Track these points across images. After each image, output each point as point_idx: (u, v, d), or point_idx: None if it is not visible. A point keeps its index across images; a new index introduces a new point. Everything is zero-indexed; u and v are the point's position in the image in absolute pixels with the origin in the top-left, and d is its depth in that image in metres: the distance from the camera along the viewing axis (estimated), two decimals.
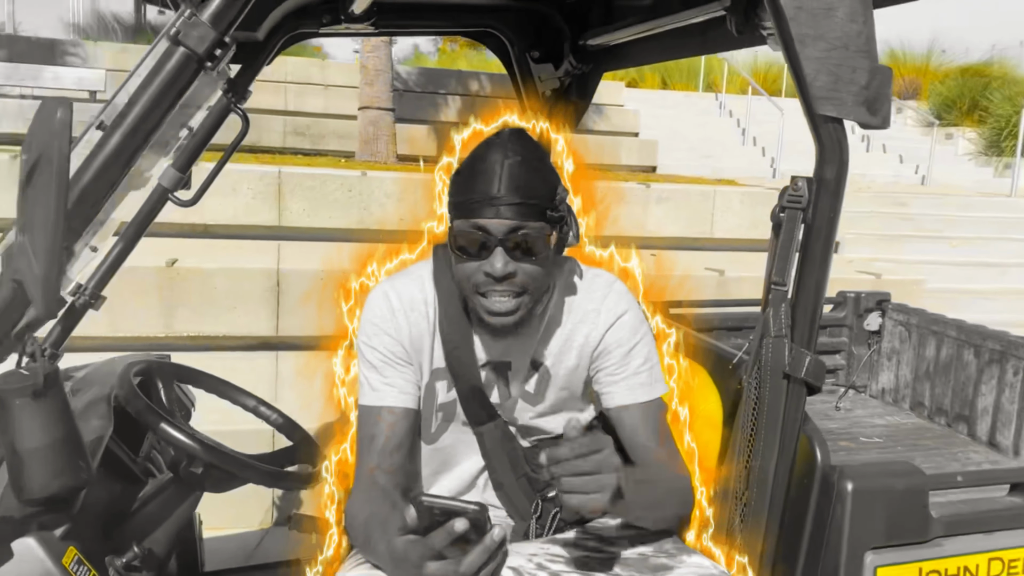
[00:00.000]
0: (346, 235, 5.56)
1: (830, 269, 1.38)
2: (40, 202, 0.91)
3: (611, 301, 1.52)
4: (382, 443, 1.44)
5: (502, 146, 1.37)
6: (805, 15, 1.27)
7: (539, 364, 1.53)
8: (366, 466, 1.44)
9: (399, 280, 1.53)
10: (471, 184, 1.36)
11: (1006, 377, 2.56)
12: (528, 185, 1.36)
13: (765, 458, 1.40)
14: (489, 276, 1.35)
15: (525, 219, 1.34)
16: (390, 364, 1.47)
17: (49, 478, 1.32)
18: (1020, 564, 1.49)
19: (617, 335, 1.50)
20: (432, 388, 1.52)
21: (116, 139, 1.09)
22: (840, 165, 1.35)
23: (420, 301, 1.50)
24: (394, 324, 1.48)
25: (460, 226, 1.37)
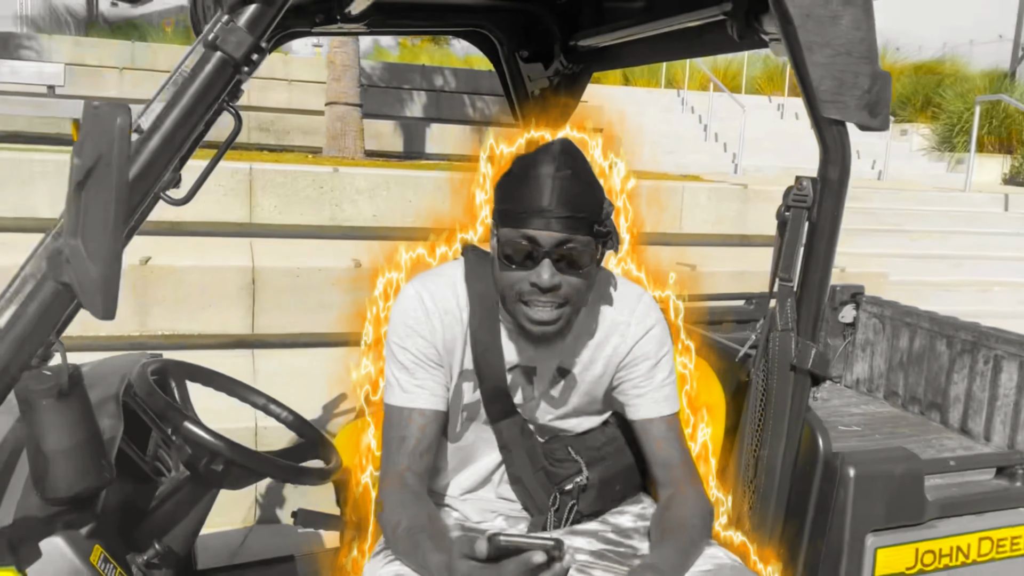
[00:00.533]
0: (318, 232, 5.55)
1: (833, 265, 1.45)
2: (98, 207, 0.93)
3: (640, 313, 1.55)
4: (413, 445, 1.45)
5: (553, 158, 1.37)
6: (812, 23, 1.33)
7: (566, 371, 1.55)
8: (396, 466, 1.45)
9: (431, 282, 1.53)
10: (521, 194, 1.37)
11: (977, 366, 2.67)
12: (578, 199, 1.37)
13: (773, 446, 1.46)
14: (535, 286, 1.37)
15: (574, 232, 1.36)
16: (422, 366, 1.48)
17: (75, 478, 1.33)
18: (1008, 543, 1.57)
19: (645, 348, 1.53)
20: (459, 389, 1.54)
21: (155, 143, 1.11)
22: (843, 166, 1.41)
23: (454, 305, 1.51)
24: (429, 327, 1.48)
25: (508, 235, 1.38)
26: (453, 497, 1.62)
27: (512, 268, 1.39)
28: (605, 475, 1.60)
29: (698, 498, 1.45)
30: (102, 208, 0.93)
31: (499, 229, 1.41)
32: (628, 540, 1.50)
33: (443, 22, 2.55)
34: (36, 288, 1.09)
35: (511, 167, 1.44)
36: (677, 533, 1.36)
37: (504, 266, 1.40)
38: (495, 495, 1.63)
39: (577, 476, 1.58)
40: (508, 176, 1.43)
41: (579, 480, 1.58)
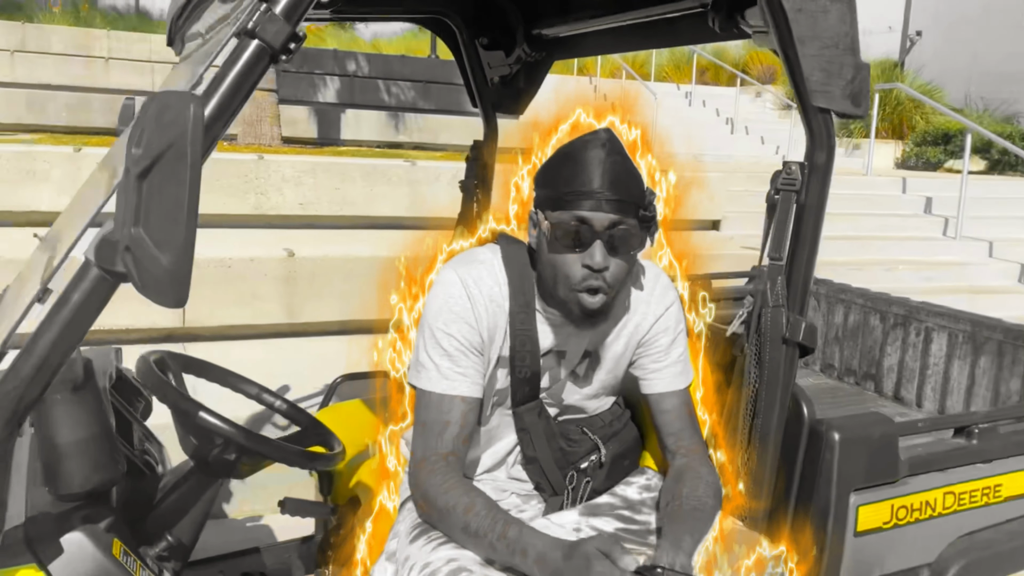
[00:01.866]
0: (243, 221, 5.43)
1: (819, 244, 1.55)
2: (168, 195, 0.93)
3: (660, 292, 1.61)
4: (457, 431, 1.46)
5: (602, 143, 1.40)
6: (804, 17, 1.42)
7: (591, 352, 1.60)
8: (439, 450, 1.45)
9: (474, 268, 1.52)
10: (572, 176, 1.40)
11: (909, 338, 2.87)
12: (627, 183, 1.41)
13: (766, 415, 1.56)
14: (588, 268, 1.40)
15: (624, 215, 1.40)
16: (465, 353, 1.48)
17: (90, 471, 1.32)
18: (967, 496, 1.72)
19: (664, 325, 1.60)
20: (494, 375, 1.55)
21: None
22: (829, 151, 1.52)
23: (497, 292, 1.51)
24: (474, 314, 1.49)
25: (560, 217, 1.40)
26: (469, 477, 1.65)
27: (563, 251, 1.42)
28: (617, 451, 1.67)
29: (711, 474, 1.52)
30: (172, 197, 0.93)
31: (547, 213, 1.44)
32: (639, 515, 1.57)
33: (403, 8, 2.56)
34: (78, 277, 1.08)
35: (554, 155, 1.47)
36: (696, 514, 1.42)
37: (555, 248, 1.42)
38: (507, 475, 1.67)
39: (592, 454, 1.64)
40: (552, 163, 1.46)
41: (594, 459, 1.64)
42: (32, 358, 1.06)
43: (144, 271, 0.96)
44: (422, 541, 1.45)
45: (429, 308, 1.51)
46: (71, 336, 1.07)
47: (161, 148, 0.93)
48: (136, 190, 0.95)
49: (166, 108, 0.93)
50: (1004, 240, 7.65)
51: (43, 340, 1.06)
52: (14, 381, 1.06)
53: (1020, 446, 1.78)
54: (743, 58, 14.78)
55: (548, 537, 1.32)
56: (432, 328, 1.49)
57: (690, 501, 1.44)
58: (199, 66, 1.16)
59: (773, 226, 1.56)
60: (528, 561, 1.29)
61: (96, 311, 1.08)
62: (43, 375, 1.07)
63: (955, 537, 1.72)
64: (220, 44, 1.13)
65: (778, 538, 1.59)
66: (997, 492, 1.75)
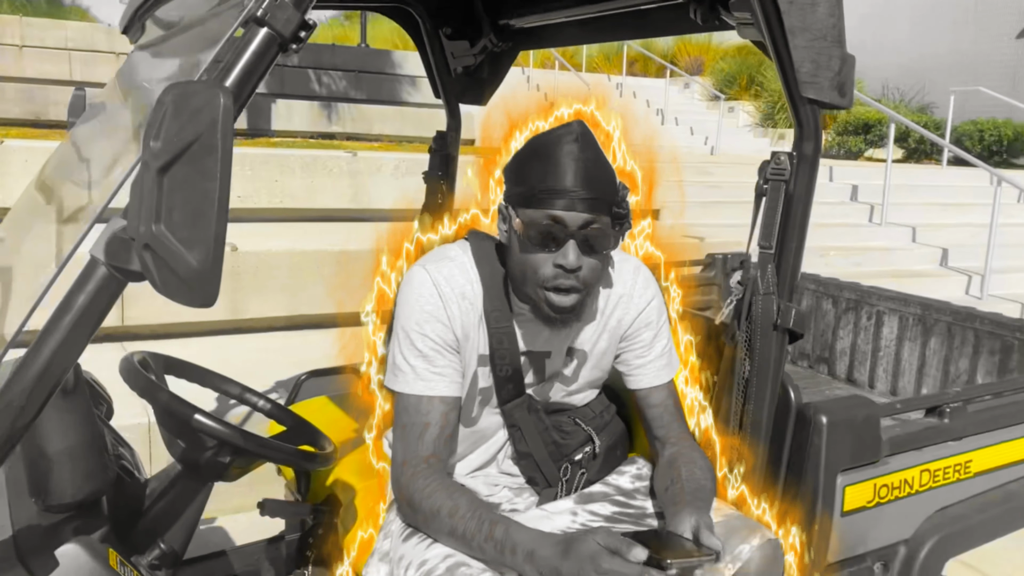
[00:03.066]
0: None
1: (807, 232, 1.58)
2: (195, 190, 0.88)
3: (641, 286, 1.60)
4: (437, 432, 1.44)
5: (575, 139, 1.37)
6: (796, 9, 1.44)
7: (575, 350, 1.59)
8: (421, 453, 1.43)
9: (443, 265, 1.50)
10: (544, 174, 1.36)
11: (861, 322, 2.96)
12: (600, 180, 1.38)
13: (758, 400, 1.59)
14: (560, 268, 1.38)
15: (597, 213, 1.36)
16: (441, 353, 1.46)
17: (81, 480, 1.27)
18: (940, 472, 1.79)
19: (647, 319, 1.60)
20: (476, 374, 1.54)
21: None
22: (816, 142, 1.55)
23: (469, 290, 1.49)
24: (447, 313, 1.46)
25: (532, 216, 1.37)
26: (461, 476, 1.64)
27: (535, 250, 1.39)
28: (609, 441, 1.67)
29: (703, 459, 1.54)
30: (200, 192, 0.88)
31: (519, 210, 1.40)
32: (633, 501, 1.58)
33: None
34: (83, 277, 1.02)
35: (525, 149, 1.44)
36: (698, 494, 1.42)
37: (526, 248, 1.40)
38: (498, 471, 1.66)
39: (586, 446, 1.65)
40: (524, 157, 1.42)
41: (587, 450, 1.64)
42: (35, 367, 1.00)
43: (166, 270, 0.92)
44: (416, 539, 1.44)
45: (401, 309, 1.48)
46: (77, 342, 1.02)
47: (186, 141, 0.89)
48: (157, 185, 0.91)
49: (188, 99, 0.89)
50: (925, 225, 7.97)
51: (47, 347, 1.00)
52: (15, 393, 1.00)
53: (987, 423, 1.86)
54: (671, 50, 15.01)
55: (536, 532, 1.31)
56: (405, 329, 1.46)
57: (690, 483, 1.45)
58: (199, 54, 1.11)
59: (763, 215, 1.59)
60: (518, 559, 1.28)
61: (103, 313, 1.03)
62: (46, 385, 1.01)
63: (930, 513, 1.79)
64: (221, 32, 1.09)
65: (768, 522, 1.62)
66: (967, 468, 1.82)
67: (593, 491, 1.62)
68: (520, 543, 1.28)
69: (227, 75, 1.07)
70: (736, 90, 13.93)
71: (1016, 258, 7.72)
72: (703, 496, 1.43)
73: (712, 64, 14.95)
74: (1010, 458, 1.90)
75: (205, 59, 1.10)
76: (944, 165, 10.37)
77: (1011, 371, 2.55)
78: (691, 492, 1.43)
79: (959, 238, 7.81)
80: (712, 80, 14.47)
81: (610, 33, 2.19)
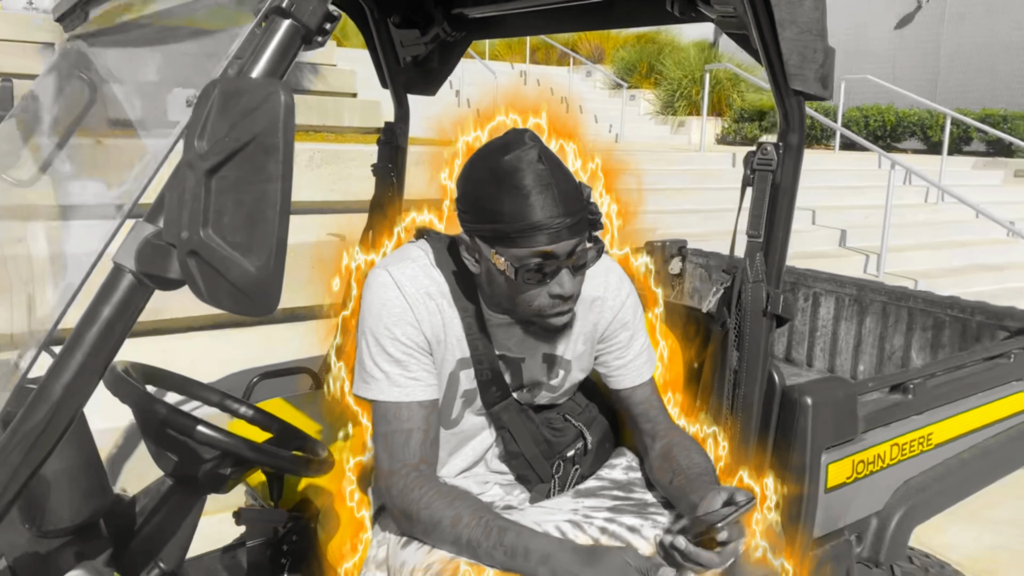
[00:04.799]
0: None
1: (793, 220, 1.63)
2: (254, 192, 0.83)
3: (615, 286, 1.59)
4: (421, 438, 1.41)
5: (536, 159, 1.29)
6: (785, 3, 1.48)
7: (552, 356, 1.57)
8: (408, 460, 1.39)
9: (406, 268, 1.46)
10: (522, 210, 1.28)
11: (797, 304, 3.08)
12: (574, 198, 1.32)
13: (749, 385, 1.63)
14: (558, 297, 1.35)
15: (581, 235, 1.33)
16: (413, 356, 1.42)
17: (80, 502, 1.19)
18: (908, 446, 1.88)
19: (623, 320, 1.59)
20: (456, 377, 1.51)
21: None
22: (801, 132, 1.59)
23: (434, 290, 1.46)
24: (414, 314, 1.43)
25: (520, 255, 1.30)
26: (449, 477, 1.61)
27: (530, 286, 1.34)
28: (599, 436, 1.68)
29: (695, 444, 1.56)
30: (257, 194, 0.83)
31: (497, 248, 1.32)
32: (632, 494, 1.59)
33: None
34: (107, 286, 0.95)
35: (482, 176, 1.32)
36: (704, 478, 1.44)
37: (518, 287, 1.35)
38: (487, 469, 1.65)
39: (578, 442, 1.65)
40: (487, 189, 1.31)
41: (579, 446, 1.65)
42: (61, 383, 0.93)
43: (215, 277, 0.86)
44: (416, 544, 1.41)
45: (368, 314, 1.43)
46: (104, 355, 0.95)
47: (241, 141, 0.84)
48: (204, 188, 0.85)
49: (237, 96, 0.84)
50: (824, 208, 8.34)
51: (73, 362, 0.93)
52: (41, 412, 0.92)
53: (944, 397, 1.96)
54: (573, 37, 15.16)
55: (551, 537, 1.31)
56: (375, 335, 1.42)
57: (693, 469, 1.47)
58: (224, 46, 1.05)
59: (751, 205, 1.62)
60: (531, 563, 1.26)
61: (130, 325, 0.97)
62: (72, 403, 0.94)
63: (898, 485, 1.88)
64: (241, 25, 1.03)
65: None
66: (929, 440, 1.92)
67: (589, 486, 1.63)
68: (534, 548, 1.27)
69: (251, 70, 1.01)
70: (636, 78, 14.20)
71: (906, 237, 8.19)
72: (710, 477, 1.46)
73: (612, 52, 15.20)
74: (963, 429, 2.01)
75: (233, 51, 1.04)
76: (836, 150, 10.87)
77: (943, 346, 2.70)
78: (698, 476, 1.45)
79: (854, 219, 8.21)
80: (613, 68, 14.70)
81: (572, 23, 2.18)
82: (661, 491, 1.55)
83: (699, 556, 1.22)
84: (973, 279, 7.52)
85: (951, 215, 8.99)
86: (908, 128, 12.48)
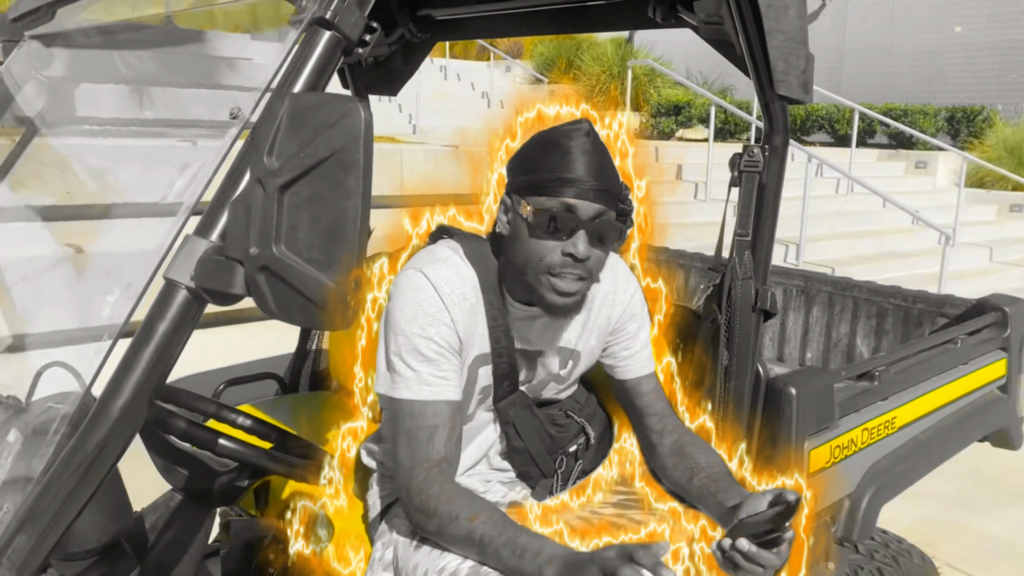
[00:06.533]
0: None
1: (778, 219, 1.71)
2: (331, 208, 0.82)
3: (623, 281, 1.64)
4: (447, 435, 1.41)
5: (586, 133, 1.40)
6: (773, 12, 1.54)
7: (567, 349, 1.61)
8: (432, 456, 1.40)
9: (438, 267, 1.48)
10: (557, 163, 1.38)
11: None
12: (610, 174, 1.41)
13: (739, 378, 1.70)
14: (569, 256, 1.39)
15: (607, 205, 1.40)
16: (446, 356, 1.44)
17: (106, 522, 1.16)
18: (875, 430, 1.99)
19: (632, 311, 1.65)
20: (476, 373, 1.52)
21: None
22: (785, 135, 1.66)
23: (468, 289, 1.48)
24: (450, 315, 1.44)
25: (544, 203, 1.38)
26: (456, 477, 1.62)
27: (544, 237, 1.39)
28: (599, 431, 1.72)
29: (705, 442, 1.61)
30: (336, 210, 0.84)
31: (527, 198, 1.41)
32: (634, 488, 1.63)
33: None
34: (161, 302, 0.94)
35: (533, 141, 1.45)
36: (727, 478, 1.49)
37: (535, 235, 1.40)
38: (489, 467, 1.66)
39: (579, 437, 1.69)
40: (533, 149, 1.44)
41: (581, 441, 1.68)
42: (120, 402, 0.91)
43: (286, 292, 0.86)
44: (429, 546, 1.42)
45: (400, 314, 1.44)
46: (158, 374, 0.93)
47: (318, 157, 0.84)
48: (277, 204, 0.85)
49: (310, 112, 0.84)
50: None
51: (131, 379, 0.91)
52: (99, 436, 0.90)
53: (903, 382, 2.08)
54: None
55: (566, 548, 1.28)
56: (407, 334, 1.43)
57: (713, 468, 1.51)
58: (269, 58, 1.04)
59: (739, 205, 1.69)
60: (540, 561, 1.24)
61: (185, 341, 0.95)
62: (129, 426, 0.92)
63: (867, 467, 1.98)
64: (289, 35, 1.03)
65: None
66: (893, 424, 2.04)
67: (592, 481, 1.67)
68: (546, 548, 1.26)
69: (294, 81, 1.01)
70: (556, 73, 14.33)
71: (821, 227, 8.55)
72: (731, 477, 1.50)
73: (531, 48, 15.29)
74: (921, 412, 2.14)
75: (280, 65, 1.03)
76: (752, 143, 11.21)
77: (887, 333, 2.85)
78: (721, 476, 1.49)
79: None
80: (532, 63, 14.79)
81: (543, 26, 2.20)
82: (676, 489, 1.58)
83: (761, 557, 1.24)
84: (884, 266, 7.91)
85: (860, 205, 9.43)
86: (816, 122, 12.99)
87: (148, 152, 5.42)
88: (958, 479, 3.86)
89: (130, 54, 2.27)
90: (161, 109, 8.60)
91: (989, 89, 13.16)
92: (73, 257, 4.26)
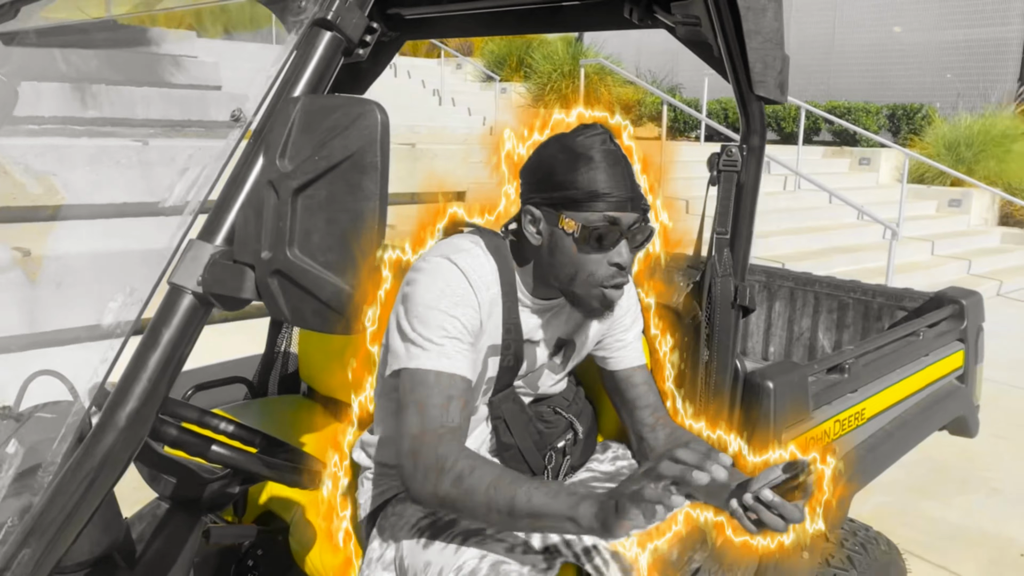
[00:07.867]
0: None
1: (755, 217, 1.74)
2: (346, 211, 0.82)
3: None
4: (461, 406, 1.38)
5: (608, 140, 1.43)
6: (752, 14, 1.57)
7: (565, 340, 1.64)
8: (444, 424, 1.35)
9: (467, 257, 1.49)
10: (596, 179, 1.40)
11: None
12: (635, 179, 1.46)
13: (720, 373, 1.73)
14: (616, 266, 1.44)
15: (639, 212, 1.44)
16: (467, 337, 1.44)
17: (100, 533, 1.13)
18: (847, 421, 2.04)
19: (626, 304, 1.68)
20: (484, 363, 1.53)
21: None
22: (762, 134, 1.70)
23: (492, 279, 1.51)
24: (477, 300, 1.46)
25: (589, 219, 1.41)
26: None
27: (592, 251, 1.43)
28: (587, 427, 1.73)
29: (697, 436, 1.63)
30: (351, 213, 0.83)
31: (567, 213, 1.43)
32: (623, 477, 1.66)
33: None
34: (165, 308, 0.92)
35: (554, 151, 1.45)
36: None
37: (583, 250, 1.43)
38: None
39: (567, 433, 1.70)
40: (560, 160, 1.44)
41: (569, 437, 1.69)
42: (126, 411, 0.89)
43: (300, 297, 0.85)
44: (440, 543, 1.41)
45: (427, 291, 1.43)
46: (165, 381, 0.92)
47: (333, 160, 0.83)
48: (290, 207, 0.84)
49: (324, 114, 0.83)
50: (695, 197, 8.75)
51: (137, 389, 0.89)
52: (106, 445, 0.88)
53: (871, 374, 2.14)
54: None
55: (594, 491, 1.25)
56: (434, 310, 1.41)
57: None
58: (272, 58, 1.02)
59: (718, 204, 1.71)
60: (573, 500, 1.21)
61: (191, 347, 0.94)
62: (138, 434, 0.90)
63: (839, 458, 2.03)
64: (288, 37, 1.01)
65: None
66: (862, 415, 2.09)
67: (581, 477, 1.68)
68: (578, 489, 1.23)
69: (296, 83, 1.00)
70: (507, 71, 14.35)
71: (769, 223, 8.72)
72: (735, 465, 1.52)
73: (482, 45, 15.28)
74: (887, 403, 2.20)
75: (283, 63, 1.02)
76: (702, 141, 11.41)
77: (848, 326, 2.92)
78: None
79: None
80: (483, 61, 14.79)
81: (515, 26, 2.19)
82: None
83: (785, 508, 1.21)
84: (831, 261, 8.10)
85: (808, 201, 9.64)
86: None
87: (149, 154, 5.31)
88: (911, 466, 3.97)
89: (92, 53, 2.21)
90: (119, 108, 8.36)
91: (928, 88, 13.57)
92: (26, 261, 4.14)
